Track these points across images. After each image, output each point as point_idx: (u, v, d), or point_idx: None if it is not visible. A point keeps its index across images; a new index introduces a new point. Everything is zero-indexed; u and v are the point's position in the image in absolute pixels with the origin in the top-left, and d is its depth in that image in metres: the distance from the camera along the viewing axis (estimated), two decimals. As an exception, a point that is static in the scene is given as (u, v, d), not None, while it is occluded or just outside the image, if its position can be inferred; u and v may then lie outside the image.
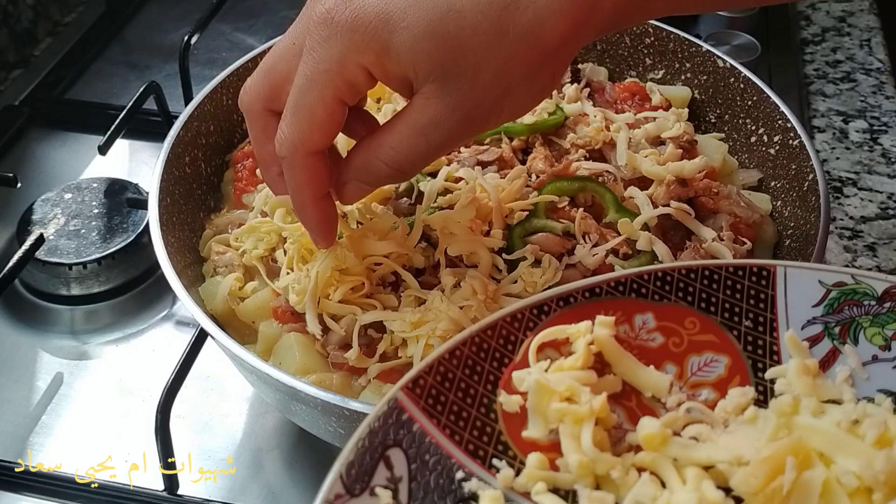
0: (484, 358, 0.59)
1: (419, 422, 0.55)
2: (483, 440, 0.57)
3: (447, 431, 0.56)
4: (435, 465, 0.54)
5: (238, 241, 0.88)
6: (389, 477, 0.52)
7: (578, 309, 0.61)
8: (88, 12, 1.52)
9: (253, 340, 0.83)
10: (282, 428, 0.93)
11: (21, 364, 1.00)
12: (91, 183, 1.14)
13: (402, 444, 0.54)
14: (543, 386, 0.57)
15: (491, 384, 0.58)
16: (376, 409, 0.54)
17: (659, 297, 0.63)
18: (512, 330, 0.60)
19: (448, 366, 0.57)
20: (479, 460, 0.56)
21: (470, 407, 0.57)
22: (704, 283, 0.64)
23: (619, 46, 1.07)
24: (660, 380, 0.61)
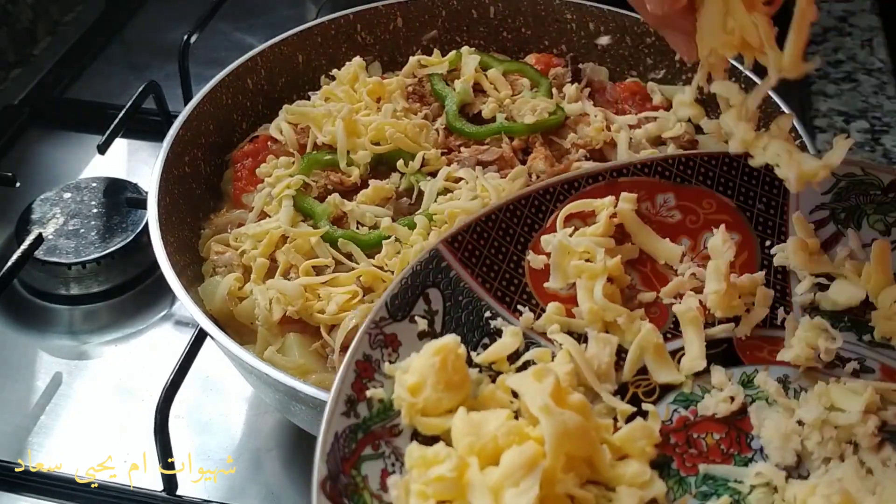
0: (516, 223, 0.68)
1: (455, 269, 0.64)
2: (510, 289, 0.65)
3: (479, 280, 0.65)
4: (466, 305, 0.63)
5: (237, 241, 0.88)
6: (427, 309, 0.61)
7: (606, 186, 0.70)
8: (88, 12, 1.51)
9: (252, 340, 0.82)
10: (281, 428, 0.93)
11: (20, 364, 1.00)
12: (90, 182, 1.14)
13: (439, 285, 0.63)
14: (565, 246, 0.66)
15: (521, 245, 0.67)
16: (419, 256, 0.63)
17: (681, 180, 0.71)
18: (543, 201, 0.69)
19: (484, 227, 0.66)
20: (505, 305, 0.65)
21: (501, 262, 0.66)
22: (724, 169, 0.71)
23: (620, 46, 1.07)
24: (673, 250, 0.69)
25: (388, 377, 0.58)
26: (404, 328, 0.60)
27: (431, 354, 0.57)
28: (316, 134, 0.95)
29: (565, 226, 0.68)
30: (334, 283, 0.82)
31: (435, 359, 0.56)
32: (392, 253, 0.83)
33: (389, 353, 0.59)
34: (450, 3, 1.10)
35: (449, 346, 0.57)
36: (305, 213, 0.89)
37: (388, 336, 0.59)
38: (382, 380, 0.58)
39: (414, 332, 0.60)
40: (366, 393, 0.56)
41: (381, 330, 0.59)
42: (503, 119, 0.96)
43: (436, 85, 1.00)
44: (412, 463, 0.54)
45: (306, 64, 1.06)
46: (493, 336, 0.63)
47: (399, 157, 0.92)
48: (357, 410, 0.56)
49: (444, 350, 0.57)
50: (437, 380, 0.56)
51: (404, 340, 0.60)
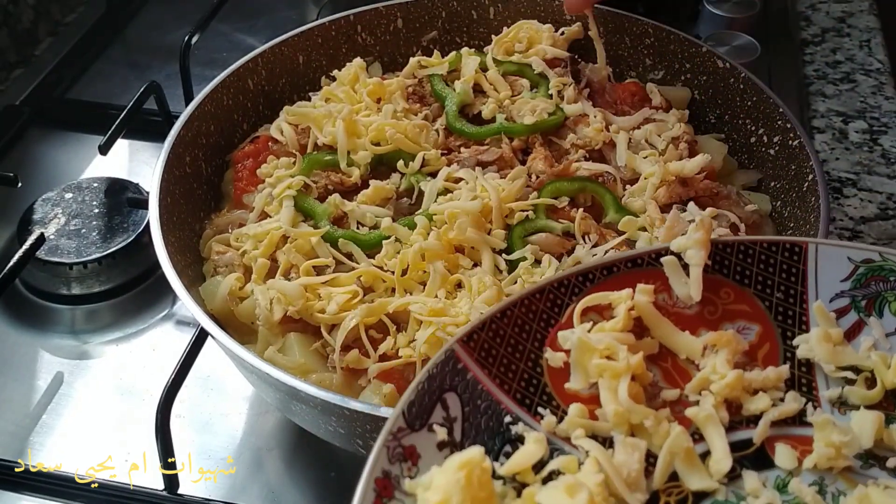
0: (532, 319, 0.65)
1: (472, 371, 0.61)
2: (529, 390, 0.63)
3: (497, 381, 0.62)
4: (486, 410, 0.60)
5: (238, 242, 0.88)
6: (445, 416, 0.59)
7: (621, 277, 0.68)
8: (89, 12, 1.52)
9: (253, 340, 0.83)
10: (282, 427, 0.93)
11: (21, 364, 1.00)
12: (92, 183, 1.14)
13: (457, 389, 0.60)
14: (585, 343, 0.63)
15: (538, 342, 0.64)
16: (434, 358, 0.60)
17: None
18: (559, 294, 0.66)
19: (500, 324, 0.64)
20: (525, 408, 0.62)
21: (518, 361, 0.63)
22: (740, 258, 0.69)
23: (619, 47, 1.08)
24: (694, 343, 0.65)
25: (408, 495, 0.54)
26: (423, 438, 0.57)
27: (456, 469, 0.54)
28: (316, 134, 0.95)
29: (582, 320, 0.65)
30: (335, 282, 0.83)
31: (460, 474, 0.53)
32: (392, 253, 0.83)
33: (409, 468, 0.55)
34: (450, 4, 1.10)
35: (474, 461, 0.54)
36: (306, 213, 0.89)
37: (407, 448, 0.56)
38: (403, 498, 0.54)
39: (433, 441, 0.57)
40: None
41: (399, 442, 0.56)
42: (503, 119, 0.97)
43: (436, 85, 1.00)
44: None
45: (307, 64, 1.07)
46: (515, 442, 0.60)
47: (399, 158, 0.92)
48: None
49: (468, 465, 0.54)
50: (463, 498, 0.53)
51: (423, 452, 0.57)
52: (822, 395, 0.65)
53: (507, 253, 0.84)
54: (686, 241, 0.67)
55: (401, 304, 0.79)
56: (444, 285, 0.81)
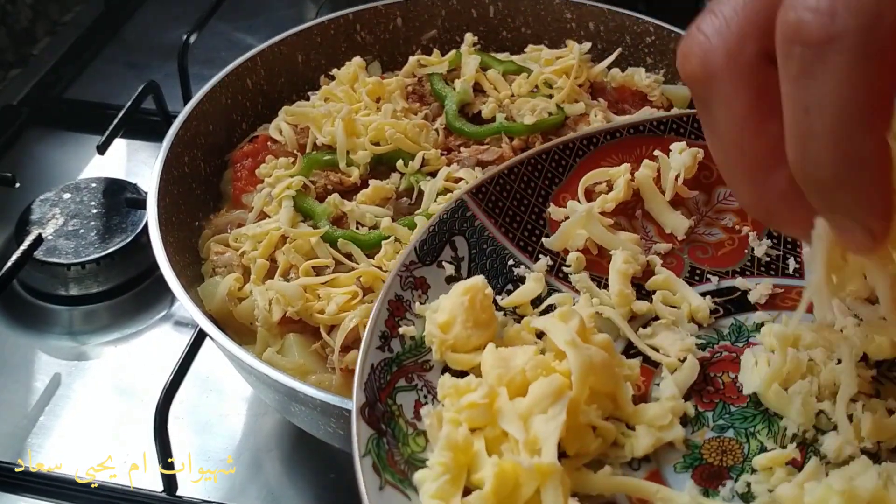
0: (538, 176, 0.70)
1: (480, 219, 0.67)
2: (532, 240, 0.68)
3: (503, 229, 0.67)
4: (491, 253, 0.66)
5: (237, 242, 0.88)
6: (454, 256, 0.64)
7: (623, 142, 0.72)
8: (87, 12, 1.51)
9: (252, 341, 0.82)
10: (281, 428, 0.93)
11: (19, 365, 1.00)
12: (90, 183, 1.14)
13: (465, 233, 0.65)
14: (592, 215, 0.68)
15: (542, 198, 0.70)
16: (445, 205, 0.65)
17: (695, 137, 0.73)
18: (563, 156, 0.71)
19: (507, 179, 0.69)
20: (527, 254, 0.67)
21: (523, 213, 0.68)
22: None
23: (620, 45, 1.07)
24: (680, 223, 0.70)
25: (418, 317, 0.60)
26: (432, 272, 0.63)
27: (460, 294, 0.59)
28: (315, 134, 0.94)
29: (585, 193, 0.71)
30: (334, 283, 0.82)
31: (464, 298, 0.58)
32: (392, 253, 0.83)
33: (419, 295, 0.61)
34: (449, 2, 1.10)
35: (477, 286, 0.59)
36: (305, 213, 0.89)
37: (418, 279, 0.62)
38: (413, 319, 0.60)
39: (441, 276, 0.63)
40: (398, 330, 0.59)
41: (411, 273, 0.62)
42: (503, 119, 0.96)
43: (435, 85, 1.00)
44: (445, 392, 0.56)
45: (306, 64, 1.06)
46: (517, 283, 0.65)
47: (399, 158, 0.92)
48: (391, 346, 0.58)
49: (472, 290, 0.59)
50: (466, 318, 0.58)
51: (433, 284, 0.62)
52: (805, 251, 0.69)
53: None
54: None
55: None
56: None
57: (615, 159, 0.73)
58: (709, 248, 0.71)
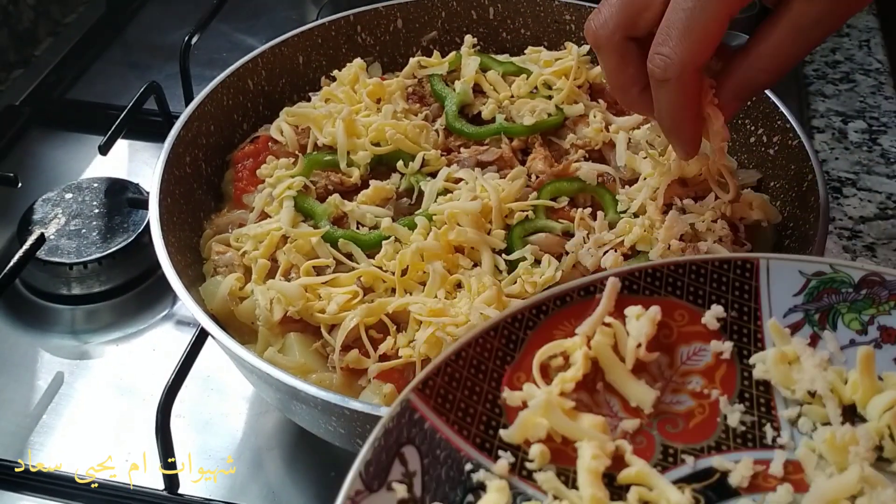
0: (488, 357, 0.63)
1: (430, 420, 0.59)
2: (489, 433, 0.61)
3: (455, 427, 0.60)
4: (445, 459, 0.58)
5: (238, 242, 0.88)
6: (404, 472, 0.56)
7: (575, 307, 0.65)
8: (89, 12, 1.52)
9: (253, 340, 0.83)
10: (282, 428, 0.94)
11: (21, 364, 1.00)
12: (92, 183, 1.14)
13: (414, 440, 0.58)
14: (552, 403, 0.61)
15: (495, 381, 0.62)
16: (390, 410, 0.57)
17: (650, 293, 0.67)
18: (513, 330, 0.64)
19: (455, 367, 0.61)
20: (485, 452, 0.60)
21: (476, 403, 0.61)
22: (692, 277, 0.67)
23: (619, 47, 1.07)
24: (646, 395, 0.64)
25: None
26: (382, 499, 0.55)
27: None
28: (316, 135, 0.95)
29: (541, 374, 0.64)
30: (335, 283, 0.83)
31: None
32: (392, 253, 0.83)
33: None
34: (449, 4, 1.11)
35: None
36: (306, 213, 0.89)
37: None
38: None
39: (393, 500, 0.55)
40: None
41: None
42: (503, 120, 0.97)
43: (435, 86, 1.00)
44: None
45: (307, 65, 1.07)
46: (477, 490, 0.58)
47: (399, 158, 0.92)
48: None
49: None
50: None
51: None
52: (780, 415, 0.64)
53: (507, 253, 0.84)
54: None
55: (400, 305, 0.80)
56: (444, 285, 0.81)
57: (568, 327, 0.65)
58: (679, 421, 0.65)
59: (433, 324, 0.77)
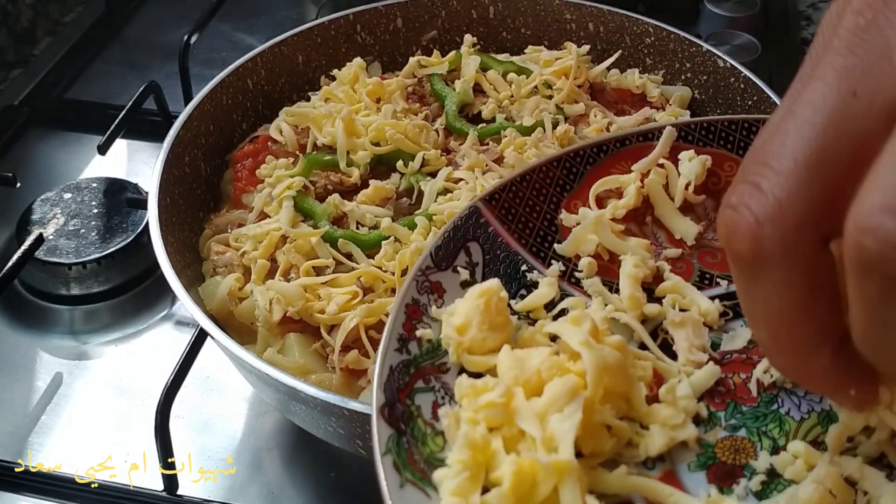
0: (549, 184, 0.70)
1: (493, 226, 0.67)
2: (544, 246, 0.68)
3: (515, 236, 0.67)
4: (504, 259, 0.66)
5: (237, 242, 0.88)
6: (468, 261, 0.64)
7: (632, 150, 0.73)
8: (88, 12, 1.52)
9: (252, 341, 0.83)
10: (281, 428, 0.93)
11: (21, 364, 1.00)
12: (90, 183, 1.14)
13: (478, 239, 0.66)
14: (602, 221, 0.68)
15: (554, 205, 0.70)
16: (459, 212, 0.66)
17: (703, 143, 0.73)
18: (574, 163, 0.72)
19: (519, 187, 0.69)
20: (539, 259, 0.67)
21: (535, 220, 0.69)
22: (743, 134, 0.74)
23: (620, 46, 1.07)
24: (690, 228, 0.70)
25: (435, 320, 0.61)
26: (448, 277, 0.63)
27: (476, 297, 0.59)
28: (316, 135, 0.95)
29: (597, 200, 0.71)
30: (334, 283, 0.82)
31: (479, 301, 0.59)
32: (392, 253, 0.83)
33: (436, 299, 0.62)
34: (449, 3, 1.10)
35: (492, 289, 0.60)
36: (305, 213, 0.89)
37: (434, 283, 0.62)
38: (430, 322, 0.60)
39: (457, 281, 0.63)
40: (416, 333, 0.59)
41: (427, 277, 0.62)
42: (503, 120, 0.97)
43: (435, 85, 1.00)
44: (462, 392, 0.56)
45: (306, 64, 1.07)
46: (530, 288, 0.65)
47: (399, 158, 0.92)
48: (408, 348, 0.58)
49: (487, 293, 0.59)
50: (482, 320, 0.58)
51: (448, 288, 0.63)
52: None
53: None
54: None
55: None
56: (444, 285, 0.81)
57: (625, 166, 0.73)
58: (717, 254, 0.70)
59: None
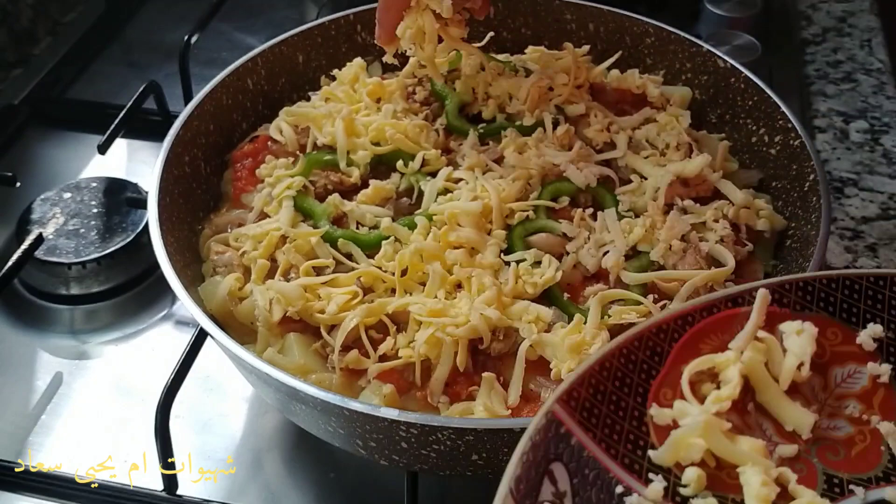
0: (632, 370, 0.60)
1: (577, 435, 0.56)
2: (637, 454, 0.57)
3: (603, 445, 0.57)
4: (595, 480, 0.56)
5: (237, 242, 0.88)
6: (555, 492, 0.54)
7: (720, 318, 0.63)
8: (88, 12, 1.51)
9: (252, 340, 0.83)
10: (282, 428, 0.93)
11: (21, 364, 1.00)
12: (90, 182, 1.14)
13: (562, 457, 0.55)
14: (712, 423, 0.58)
15: (640, 396, 0.59)
16: (535, 423, 0.55)
17: (801, 307, 0.63)
18: (657, 341, 0.61)
19: (599, 378, 0.59)
20: (634, 474, 0.57)
21: (622, 420, 0.58)
22: (846, 293, 0.64)
23: (620, 47, 1.07)
24: (804, 418, 0.61)
25: None
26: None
27: None
28: (316, 134, 0.95)
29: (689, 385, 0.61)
30: (334, 283, 0.82)
31: None
32: (391, 254, 0.83)
33: None
34: (450, 3, 1.10)
35: None
36: (305, 213, 0.89)
37: None
38: None
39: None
40: None
41: None
42: (503, 119, 0.96)
43: (436, 85, 1.00)
44: None
45: (306, 64, 1.06)
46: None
47: (399, 158, 0.92)
48: None
49: None
50: None
51: None
52: None
53: (507, 253, 0.84)
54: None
55: (400, 305, 0.79)
56: (444, 286, 0.81)
57: (715, 340, 0.62)
58: (839, 448, 0.61)
59: (433, 324, 0.76)
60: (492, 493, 0.52)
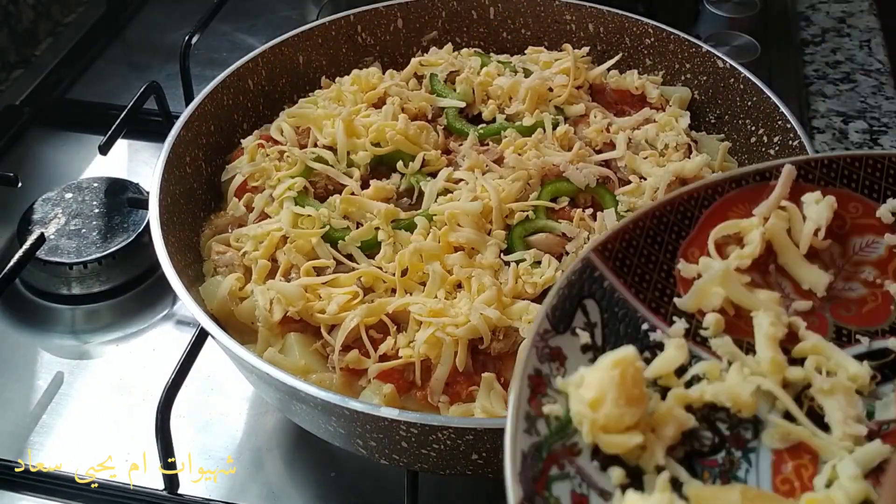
0: (664, 230, 0.66)
1: (608, 279, 0.62)
2: (663, 300, 0.63)
3: (633, 290, 0.62)
4: (623, 317, 0.61)
5: (238, 242, 0.88)
6: (586, 322, 0.59)
7: (748, 191, 0.67)
8: (89, 12, 1.52)
9: (253, 340, 0.83)
10: (282, 428, 0.93)
11: (22, 363, 1.00)
12: (92, 183, 1.14)
13: (594, 295, 0.61)
14: (730, 274, 0.63)
15: (670, 253, 0.65)
16: (572, 266, 0.61)
17: (825, 183, 0.68)
18: (689, 207, 0.67)
19: (632, 234, 0.64)
20: (660, 316, 0.62)
21: (652, 271, 0.64)
22: (868, 171, 0.69)
23: (619, 47, 1.08)
24: (819, 278, 0.65)
25: (560, 392, 0.55)
26: (567, 341, 0.58)
27: (610, 367, 0.54)
28: (316, 135, 0.95)
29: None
30: (335, 283, 0.83)
31: (614, 372, 0.54)
32: (391, 254, 0.84)
33: (557, 368, 0.57)
34: (450, 4, 1.11)
35: (628, 359, 0.55)
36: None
37: (554, 350, 0.57)
38: (555, 395, 0.55)
39: (577, 345, 0.58)
40: (542, 409, 0.54)
41: (547, 343, 0.57)
42: (503, 120, 0.97)
43: (436, 85, 1.00)
44: None
45: (307, 64, 1.07)
46: (654, 349, 0.60)
47: (399, 158, 0.92)
48: (537, 427, 0.53)
49: (622, 362, 0.54)
50: (618, 394, 0.53)
51: (569, 354, 0.58)
52: None
53: (507, 253, 0.84)
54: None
55: (401, 305, 0.80)
56: (444, 286, 0.81)
57: (742, 209, 0.67)
58: (851, 306, 0.65)
59: (433, 324, 0.77)
60: (492, 493, 0.53)
